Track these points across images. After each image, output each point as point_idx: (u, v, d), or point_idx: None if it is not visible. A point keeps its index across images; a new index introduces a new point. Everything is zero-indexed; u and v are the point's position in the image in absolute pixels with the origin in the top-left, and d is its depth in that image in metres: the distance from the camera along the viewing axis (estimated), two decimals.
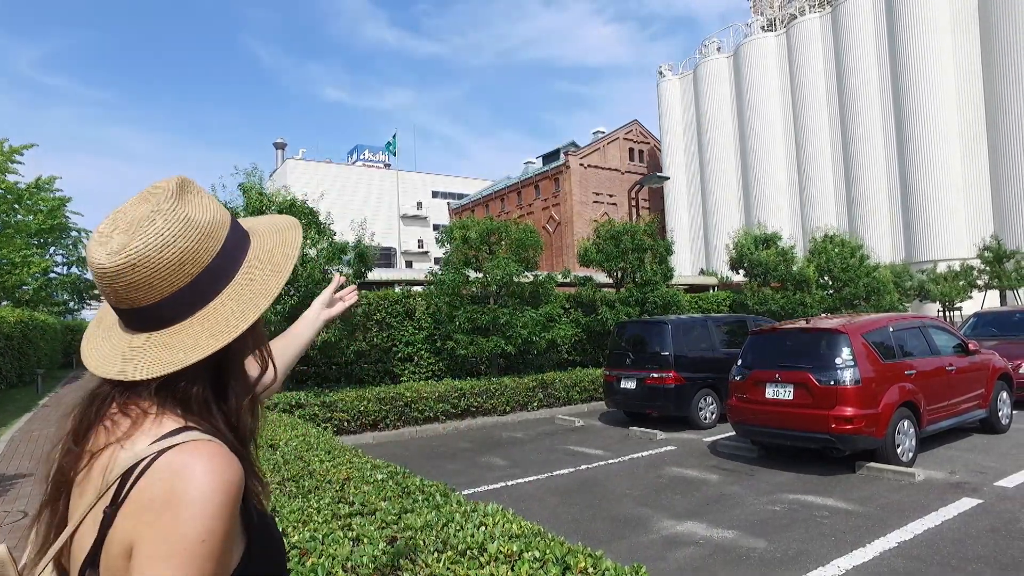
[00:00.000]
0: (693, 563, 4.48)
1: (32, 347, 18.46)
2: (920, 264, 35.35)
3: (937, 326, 8.32)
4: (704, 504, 5.87)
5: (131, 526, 0.71)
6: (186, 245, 0.80)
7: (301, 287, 9.56)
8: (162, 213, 0.80)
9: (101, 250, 0.79)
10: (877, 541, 4.72)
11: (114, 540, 0.72)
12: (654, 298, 13.89)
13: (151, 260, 0.78)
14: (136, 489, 0.73)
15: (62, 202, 25.39)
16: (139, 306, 0.81)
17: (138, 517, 0.71)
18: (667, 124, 53.41)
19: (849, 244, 18.64)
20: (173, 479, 0.72)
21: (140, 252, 0.78)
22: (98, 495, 0.76)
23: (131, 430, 0.79)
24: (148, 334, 0.82)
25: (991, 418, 8.29)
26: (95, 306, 35.26)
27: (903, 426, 6.86)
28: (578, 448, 8.64)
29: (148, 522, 0.71)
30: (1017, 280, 27.51)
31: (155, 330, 0.82)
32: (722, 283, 20.28)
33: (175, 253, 0.79)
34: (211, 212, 0.85)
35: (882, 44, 41.12)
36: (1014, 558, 4.32)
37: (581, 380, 12.48)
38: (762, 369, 7.49)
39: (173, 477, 0.72)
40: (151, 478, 0.73)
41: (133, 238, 0.78)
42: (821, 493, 6.04)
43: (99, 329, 0.89)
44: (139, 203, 0.82)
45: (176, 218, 0.81)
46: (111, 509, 0.74)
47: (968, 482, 6.19)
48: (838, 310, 17.49)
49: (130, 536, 0.71)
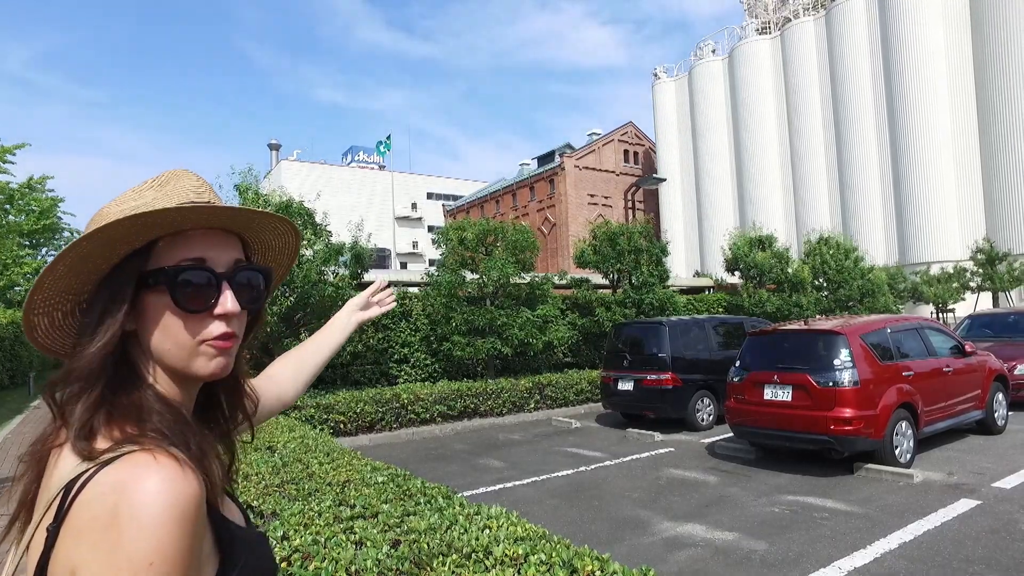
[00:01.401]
0: (694, 565, 4.46)
1: (24, 349, 18.31)
2: (913, 266, 35.54)
3: (934, 327, 8.34)
4: (703, 506, 5.86)
5: (72, 548, 0.64)
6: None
7: (297, 288, 9.51)
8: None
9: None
10: (878, 542, 4.71)
11: (57, 562, 0.65)
12: (650, 300, 13.89)
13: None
14: (76, 505, 0.66)
15: (55, 202, 25.24)
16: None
17: (79, 538, 0.64)
18: (662, 126, 53.55)
19: (843, 246, 18.72)
20: (115, 496, 0.64)
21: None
22: (44, 510, 0.69)
23: (68, 435, 0.73)
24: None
25: (987, 419, 8.31)
26: None
27: (901, 427, 6.87)
28: (576, 450, 8.61)
29: (90, 544, 0.63)
30: (1009, 282, 27.69)
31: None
32: (718, 285, 20.30)
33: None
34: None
35: (875, 48, 41.37)
36: (1015, 559, 4.32)
37: (578, 382, 12.46)
38: (760, 370, 7.49)
39: (115, 494, 0.65)
40: (91, 493, 0.65)
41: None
42: (820, 494, 6.04)
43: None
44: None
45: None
46: (54, 526, 0.66)
47: (966, 483, 6.20)
48: (833, 312, 17.55)
49: (72, 560, 0.64)
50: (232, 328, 0.81)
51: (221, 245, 0.83)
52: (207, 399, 0.90)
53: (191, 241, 0.80)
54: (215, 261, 0.81)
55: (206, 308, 0.79)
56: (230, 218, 0.82)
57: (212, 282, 0.79)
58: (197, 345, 0.79)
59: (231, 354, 0.82)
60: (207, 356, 0.79)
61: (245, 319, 0.85)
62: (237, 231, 0.86)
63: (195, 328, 0.78)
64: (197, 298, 0.78)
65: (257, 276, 0.85)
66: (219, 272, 0.80)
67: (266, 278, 0.87)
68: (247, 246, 0.89)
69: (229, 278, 0.81)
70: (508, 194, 55.99)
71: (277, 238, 0.94)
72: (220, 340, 0.79)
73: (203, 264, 0.79)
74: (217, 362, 0.80)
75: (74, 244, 0.73)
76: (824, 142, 44.13)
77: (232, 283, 0.81)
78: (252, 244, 0.91)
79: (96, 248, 0.75)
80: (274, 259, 0.98)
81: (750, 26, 50.08)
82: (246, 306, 0.83)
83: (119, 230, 0.74)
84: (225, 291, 0.80)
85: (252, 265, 0.85)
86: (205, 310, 0.79)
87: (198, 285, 0.78)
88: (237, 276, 0.82)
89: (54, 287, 0.77)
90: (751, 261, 17.03)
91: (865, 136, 41.53)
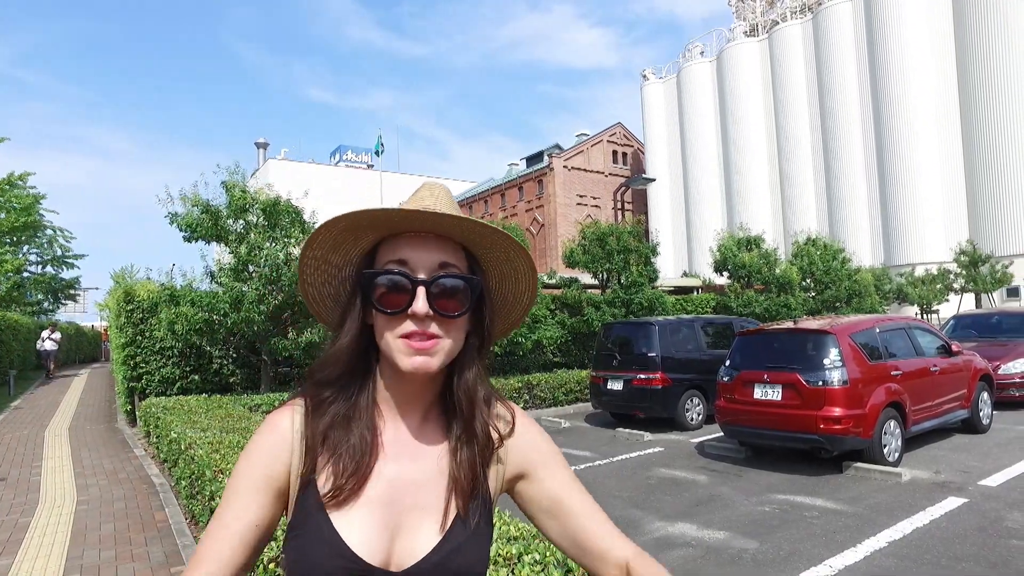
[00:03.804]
0: (686, 564, 4.45)
1: (4, 347, 18.01)
2: (899, 267, 35.92)
3: (921, 327, 8.40)
4: (694, 505, 5.85)
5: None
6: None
7: (285, 287, 9.40)
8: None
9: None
10: (868, 541, 4.72)
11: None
12: (639, 300, 13.91)
13: None
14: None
15: (36, 199, 24.86)
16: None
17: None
18: (651, 127, 53.76)
19: (831, 247, 18.86)
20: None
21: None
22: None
23: None
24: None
25: (973, 418, 8.39)
26: (70, 306, 34.52)
27: (890, 426, 6.91)
28: (565, 450, 8.58)
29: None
30: (992, 283, 28.04)
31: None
32: (706, 285, 20.39)
33: None
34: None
35: (861, 52, 41.81)
36: (1002, 556, 4.34)
37: (567, 381, 12.44)
38: (750, 370, 7.51)
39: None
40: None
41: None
42: (810, 493, 6.05)
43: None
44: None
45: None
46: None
47: (953, 481, 6.24)
48: (820, 312, 17.67)
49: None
50: (426, 328, 0.84)
51: (430, 249, 0.87)
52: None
53: (399, 244, 0.87)
54: (415, 263, 0.85)
55: (401, 310, 0.84)
56: (435, 222, 0.85)
57: (406, 285, 0.84)
58: (398, 341, 0.84)
59: (434, 354, 0.84)
60: (405, 353, 0.84)
61: (458, 324, 0.87)
62: (459, 239, 0.89)
63: (395, 325, 0.84)
64: (390, 299, 0.84)
65: (458, 283, 0.86)
66: (416, 276, 0.85)
67: (472, 287, 0.88)
68: (476, 260, 0.92)
69: (427, 283, 0.84)
70: (497, 194, 55.96)
71: (505, 261, 0.94)
72: (415, 339, 0.83)
73: (404, 266, 0.85)
74: (416, 360, 0.83)
75: (322, 226, 0.86)
76: (811, 144, 44.51)
77: (430, 287, 0.84)
78: (481, 262, 0.93)
79: (336, 236, 0.88)
80: (510, 284, 0.98)
81: (738, 28, 50.42)
82: (441, 311, 0.84)
83: (342, 224, 0.85)
84: (419, 293, 0.84)
85: (454, 273, 0.87)
86: (400, 311, 0.84)
87: (391, 286, 0.84)
88: (438, 280, 0.85)
89: (319, 256, 0.90)
90: (739, 262, 17.10)
91: (851, 138, 41.95)
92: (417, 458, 0.91)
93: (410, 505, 0.88)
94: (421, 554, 0.86)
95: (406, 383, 0.90)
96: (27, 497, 6.46)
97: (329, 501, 0.85)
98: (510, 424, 0.98)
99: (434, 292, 0.84)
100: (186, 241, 9.51)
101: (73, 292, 32.25)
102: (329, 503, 0.85)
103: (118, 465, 7.88)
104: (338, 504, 0.85)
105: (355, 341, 0.89)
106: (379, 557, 0.84)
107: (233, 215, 9.59)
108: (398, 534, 0.86)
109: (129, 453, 8.65)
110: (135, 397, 10.56)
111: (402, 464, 0.90)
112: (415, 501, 0.89)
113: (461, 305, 0.86)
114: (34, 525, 5.50)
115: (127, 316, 10.51)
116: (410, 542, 0.86)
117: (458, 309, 0.86)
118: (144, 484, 6.82)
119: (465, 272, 0.89)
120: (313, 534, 0.84)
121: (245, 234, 9.62)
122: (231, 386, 10.66)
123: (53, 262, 29.40)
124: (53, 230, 28.36)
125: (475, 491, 0.92)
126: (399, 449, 0.91)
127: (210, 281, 9.93)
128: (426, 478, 0.90)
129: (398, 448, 0.91)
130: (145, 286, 10.81)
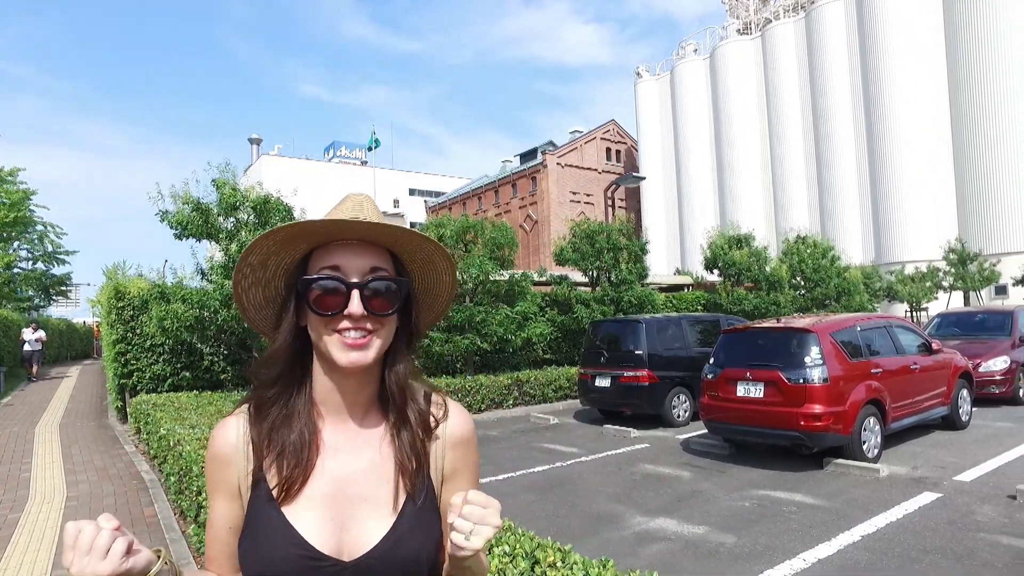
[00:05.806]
0: (664, 558, 4.55)
1: None
2: (888, 265, 36.17)
3: (903, 326, 8.54)
4: (676, 501, 5.96)
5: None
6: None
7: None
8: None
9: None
10: (842, 535, 4.84)
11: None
12: (629, 297, 14.01)
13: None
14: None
15: (26, 195, 24.73)
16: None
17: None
18: (644, 125, 53.80)
19: (821, 245, 19.02)
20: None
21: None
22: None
23: None
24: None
25: (952, 415, 8.54)
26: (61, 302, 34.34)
27: (869, 423, 7.04)
28: (553, 446, 8.69)
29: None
30: (980, 282, 28.30)
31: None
32: (696, 283, 20.54)
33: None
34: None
35: (853, 50, 41.97)
36: (968, 548, 4.47)
37: (556, 378, 12.55)
38: (734, 367, 7.62)
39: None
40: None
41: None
42: (790, 489, 6.17)
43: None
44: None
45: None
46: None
47: (929, 477, 6.38)
48: (810, 310, 17.83)
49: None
50: (361, 326, 0.92)
51: (360, 255, 0.94)
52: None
53: (332, 251, 0.94)
54: (348, 269, 0.93)
55: (337, 312, 0.92)
56: (366, 231, 0.93)
57: (342, 289, 0.92)
58: (334, 339, 0.92)
59: (368, 348, 0.93)
60: (342, 350, 0.92)
61: (389, 321, 0.96)
62: (386, 245, 0.98)
63: (331, 326, 0.92)
64: (327, 302, 0.92)
65: (389, 285, 0.95)
66: (350, 280, 0.92)
67: (400, 288, 0.96)
68: (401, 261, 1.00)
69: (360, 286, 0.92)
70: (491, 191, 55.91)
71: (427, 261, 1.02)
72: (350, 337, 0.91)
73: (338, 271, 0.93)
74: (352, 356, 0.92)
75: (263, 236, 0.92)
76: (803, 142, 44.68)
77: (363, 289, 0.92)
78: (405, 262, 1.01)
79: (274, 247, 0.94)
80: (432, 282, 1.06)
81: (731, 26, 50.49)
82: (374, 311, 0.93)
83: (279, 236, 0.92)
84: (354, 296, 0.92)
85: (384, 276, 0.95)
86: (336, 313, 0.92)
87: (328, 290, 0.92)
88: (370, 284, 0.93)
89: (255, 263, 0.96)
90: (729, 259, 17.24)
91: (842, 137, 42.14)
92: (358, 451, 0.98)
93: (355, 497, 0.95)
94: (370, 544, 0.92)
95: (344, 380, 0.97)
96: (17, 493, 6.51)
97: (278, 496, 0.93)
98: (443, 407, 1.05)
99: (367, 294, 0.92)
100: (177, 239, 9.56)
101: (64, 288, 32.10)
102: (278, 498, 0.93)
103: (108, 462, 7.93)
104: (286, 499, 0.93)
105: (290, 343, 0.96)
106: (330, 548, 0.91)
107: (223, 213, 9.62)
108: (346, 526, 0.93)
109: (119, 449, 8.69)
110: (126, 394, 10.60)
111: (344, 459, 0.97)
112: (359, 492, 0.95)
113: (392, 304, 0.95)
114: (23, 521, 5.56)
115: (118, 313, 10.54)
116: (358, 533, 0.93)
117: (389, 308, 0.94)
118: (134, 480, 6.89)
119: (393, 274, 0.97)
120: (266, 526, 0.92)
121: (236, 232, 9.66)
122: (222, 383, 10.71)
123: (44, 258, 29.25)
124: (44, 226, 28.20)
125: (420, 471, 0.99)
126: (340, 445, 0.98)
127: (201, 278, 9.97)
128: (370, 468, 0.97)
129: (339, 444, 0.98)
130: (136, 283, 10.83)
